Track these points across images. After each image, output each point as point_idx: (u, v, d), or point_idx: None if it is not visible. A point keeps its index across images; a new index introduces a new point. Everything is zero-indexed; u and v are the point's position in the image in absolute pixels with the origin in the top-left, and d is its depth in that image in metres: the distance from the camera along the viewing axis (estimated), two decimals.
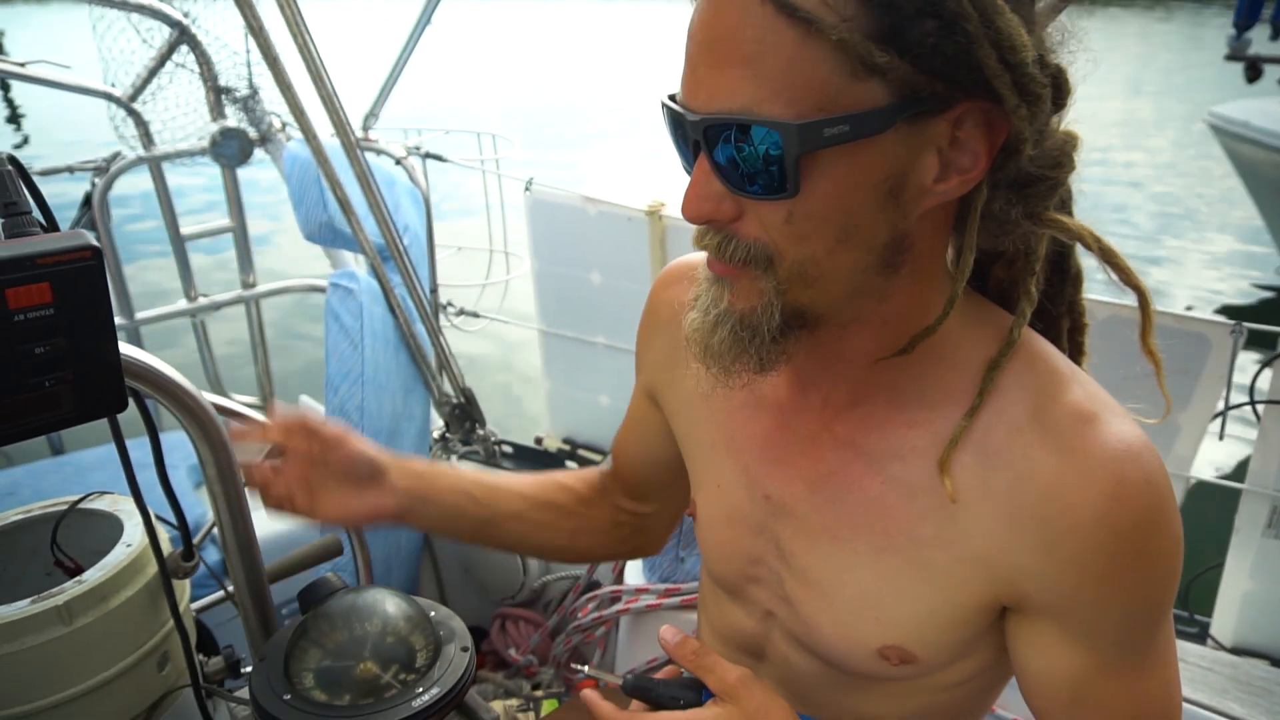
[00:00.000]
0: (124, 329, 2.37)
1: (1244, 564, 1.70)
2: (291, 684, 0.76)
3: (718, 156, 0.56)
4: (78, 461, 1.99)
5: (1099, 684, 0.63)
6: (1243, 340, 1.50)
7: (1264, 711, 1.35)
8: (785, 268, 0.58)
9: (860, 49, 0.51)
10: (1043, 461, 0.61)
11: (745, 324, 0.61)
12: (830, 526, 0.70)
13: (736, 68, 0.53)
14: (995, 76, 0.52)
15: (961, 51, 0.51)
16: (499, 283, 2.45)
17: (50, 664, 0.75)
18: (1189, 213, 8.97)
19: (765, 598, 0.78)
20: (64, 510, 0.88)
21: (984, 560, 0.63)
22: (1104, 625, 0.62)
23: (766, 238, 0.58)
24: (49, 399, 0.58)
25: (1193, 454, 1.60)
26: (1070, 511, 0.59)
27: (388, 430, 1.79)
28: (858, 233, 0.57)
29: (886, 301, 0.63)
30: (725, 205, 0.58)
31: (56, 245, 0.55)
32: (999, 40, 0.51)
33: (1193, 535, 0.66)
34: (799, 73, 0.52)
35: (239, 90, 2.22)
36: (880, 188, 0.56)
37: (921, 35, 0.51)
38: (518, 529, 0.95)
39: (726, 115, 0.54)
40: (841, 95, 0.52)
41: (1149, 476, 0.59)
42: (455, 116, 2.98)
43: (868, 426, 0.69)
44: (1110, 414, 0.61)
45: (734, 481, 0.77)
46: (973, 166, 0.56)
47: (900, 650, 0.68)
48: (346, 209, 1.69)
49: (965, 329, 0.66)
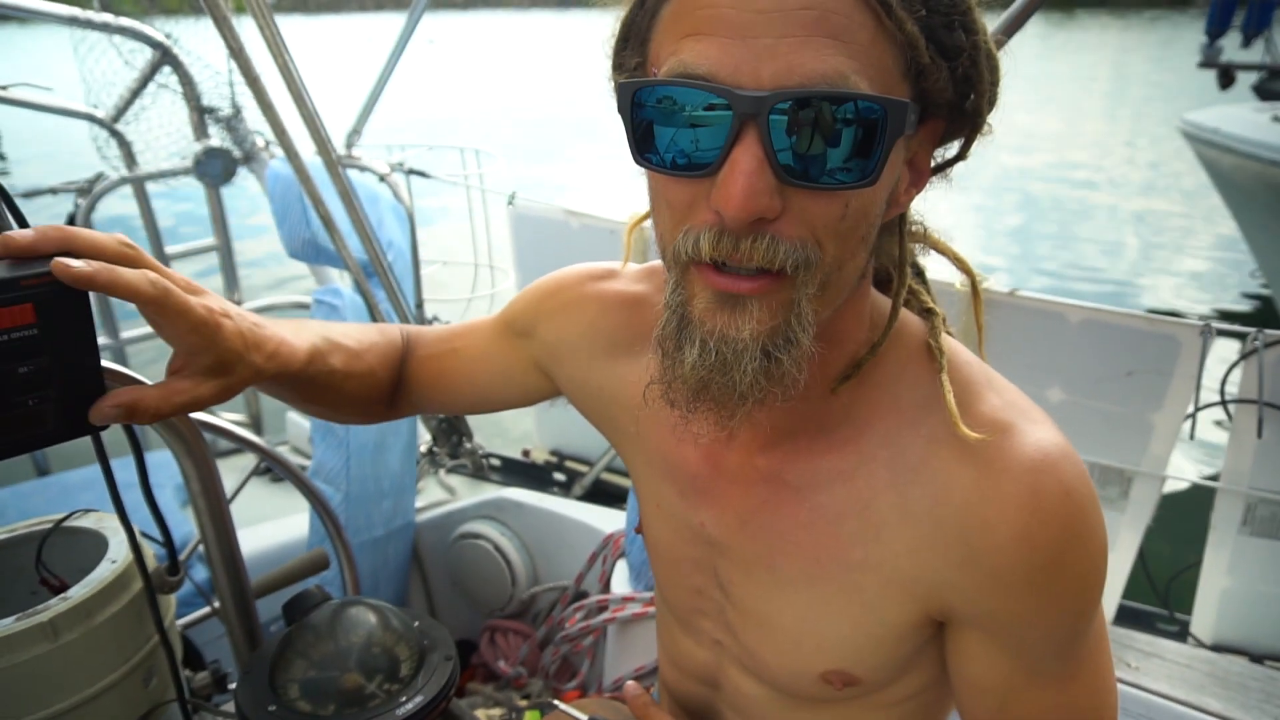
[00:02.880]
0: (109, 348, 2.37)
1: (1221, 562, 1.72)
2: (277, 695, 0.77)
3: (780, 140, 0.49)
4: (64, 482, 1.99)
5: (1026, 692, 0.64)
6: (1212, 341, 1.53)
7: (1240, 707, 1.38)
8: (822, 272, 0.54)
9: (919, 45, 0.51)
10: (959, 476, 0.60)
11: (774, 346, 0.54)
12: (763, 557, 0.70)
13: (826, 38, 0.48)
14: (983, 101, 0.55)
15: (973, 64, 0.54)
16: (484, 296, 2.46)
17: (35, 680, 0.75)
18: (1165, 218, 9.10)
19: (711, 628, 0.79)
20: (49, 528, 0.89)
21: (911, 579, 0.63)
22: (1029, 635, 0.62)
23: (812, 237, 0.52)
24: (33, 417, 0.58)
25: (1167, 454, 1.63)
26: (988, 528, 0.59)
27: (374, 445, 1.80)
28: (870, 236, 0.56)
29: (841, 317, 0.62)
30: (775, 201, 0.51)
31: (39, 267, 0.56)
32: (995, 74, 0.55)
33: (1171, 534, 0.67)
34: (878, 55, 0.50)
35: (222, 110, 2.23)
36: (890, 189, 0.57)
37: (953, 45, 0.53)
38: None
39: (818, 89, 0.48)
40: (894, 88, 0.52)
41: (1067, 487, 0.58)
42: (440, 131, 3.00)
43: (795, 457, 0.68)
44: (1026, 422, 0.60)
45: (672, 505, 0.77)
46: (919, 181, 0.59)
47: (843, 674, 0.68)
48: (329, 226, 1.71)
49: (890, 348, 0.66)
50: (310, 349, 0.75)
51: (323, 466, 1.75)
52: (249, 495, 1.20)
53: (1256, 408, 1.59)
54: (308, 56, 1.66)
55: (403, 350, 0.91)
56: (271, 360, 0.70)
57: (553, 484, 2.41)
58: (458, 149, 2.45)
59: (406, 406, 0.93)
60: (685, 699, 0.87)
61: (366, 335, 0.86)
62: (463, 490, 2.18)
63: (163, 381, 0.65)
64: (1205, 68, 8.65)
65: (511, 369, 0.89)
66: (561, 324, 0.83)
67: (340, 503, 1.74)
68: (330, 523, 1.25)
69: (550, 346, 0.85)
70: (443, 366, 0.91)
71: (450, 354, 0.91)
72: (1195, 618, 1.79)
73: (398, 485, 1.90)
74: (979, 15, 0.54)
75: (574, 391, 0.86)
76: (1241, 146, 5.43)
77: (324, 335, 0.79)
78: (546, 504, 1.97)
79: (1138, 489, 1.66)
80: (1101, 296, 6.39)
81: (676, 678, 0.87)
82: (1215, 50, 8.55)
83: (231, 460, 2.33)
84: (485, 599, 2.00)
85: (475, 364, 0.91)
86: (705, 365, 0.55)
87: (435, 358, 0.91)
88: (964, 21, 0.53)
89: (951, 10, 0.53)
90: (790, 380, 0.55)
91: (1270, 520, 1.66)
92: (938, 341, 0.64)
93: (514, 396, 0.91)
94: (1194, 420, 1.61)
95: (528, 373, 0.89)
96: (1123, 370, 0.69)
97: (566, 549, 1.92)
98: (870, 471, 0.64)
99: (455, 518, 2.04)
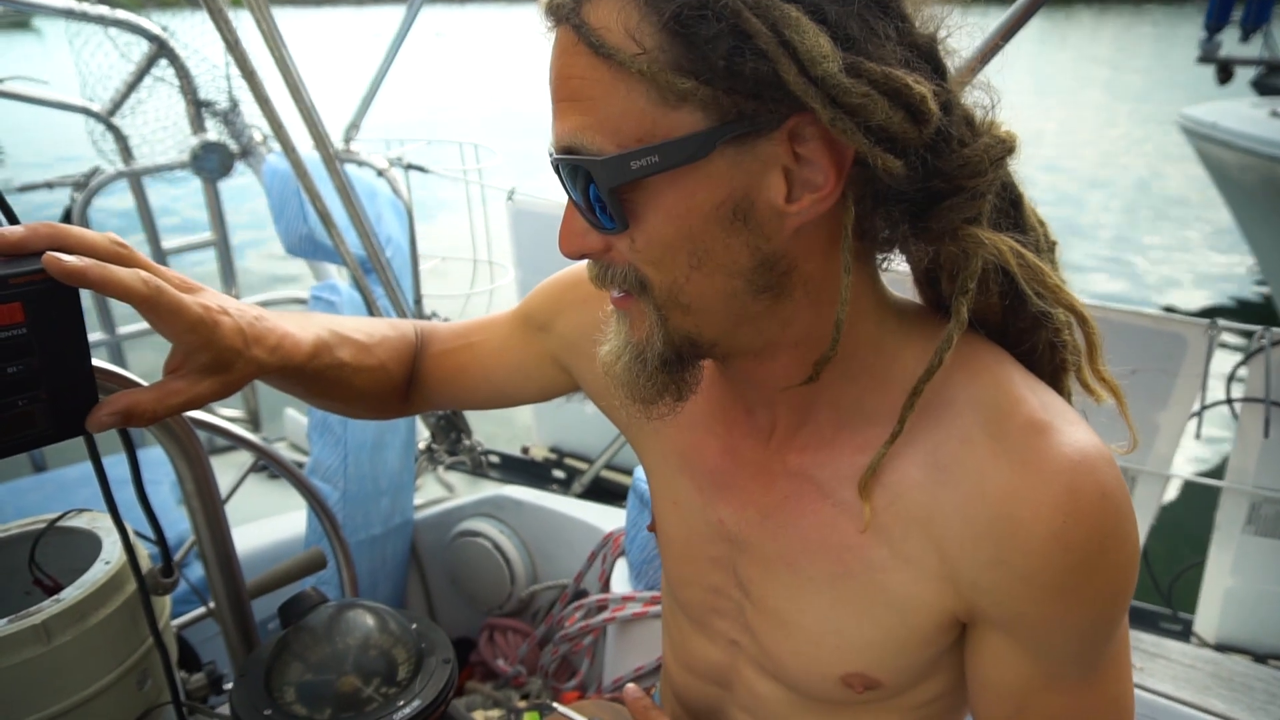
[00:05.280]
0: (106, 344, 2.35)
1: (1225, 561, 1.71)
2: (273, 699, 0.76)
3: (573, 193, 0.59)
4: (60, 479, 1.98)
5: (1044, 697, 0.63)
6: (1218, 338, 1.52)
7: (1245, 707, 1.37)
8: (658, 293, 0.59)
9: (661, 79, 0.52)
10: (994, 475, 0.59)
11: (638, 353, 0.62)
12: (785, 554, 0.69)
13: (568, 102, 0.56)
14: (801, 91, 0.51)
15: (762, 69, 0.51)
16: (483, 292, 2.44)
17: (28, 683, 0.74)
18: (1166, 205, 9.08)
19: (728, 628, 0.77)
20: (42, 528, 0.88)
21: (938, 579, 0.62)
22: (1053, 639, 0.61)
23: (633, 266, 0.59)
24: (23, 418, 0.57)
25: (1172, 452, 1.62)
26: (1022, 527, 0.57)
27: (372, 443, 1.79)
28: (711, 258, 0.57)
29: (790, 326, 0.62)
30: (591, 239, 0.61)
31: (29, 265, 0.55)
32: (796, 54, 0.51)
33: (1175, 533, 0.66)
34: (618, 106, 0.54)
35: (219, 103, 2.22)
36: (720, 212, 0.55)
37: (720, 58, 0.51)
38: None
39: (561, 154, 0.57)
40: (659, 125, 0.54)
41: (1104, 489, 0.57)
42: (446, 127, 2.98)
43: (816, 451, 0.67)
44: (1064, 423, 0.59)
45: (690, 502, 0.76)
46: (824, 184, 0.55)
47: (864, 677, 0.67)
48: (327, 221, 1.69)
49: (909, 346, 0.64)
50: (316, 342, 0.75)
51: (320, 464, 1.74)
52: (246, 492, 1.19)
53: (1263, 407, 1.58)
54: (306, 50, 1.64)
55: (416, 345, 0.91)
56: (274, 354, 0.70)
57: (552, 481, 2.40)
58: (457, 144, 2.43)
59: (421, 402, 0.92)
60: (693, 700, 0.85)
61: (377, 329, 0.86)
62: (461, 488, 2.16)
63: (159, 382, 0.64)
64: (1204, 63, 8.65)
65: (528, 363, 0.88)
66: (581, 317, 0.82)
67: (338, 501, 1.73)
68: (327, 521, 1.24)
69: (569, 340, 0.84)
70: (459, 361, 0.91)
71: (466, 349, 0.91)
72: (1199, 617, 1.78)
73: (396, 483, 1.89)
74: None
75: (591, 385, 0.85)
76: (1240, 142, 5.41)
77: (331, 329, 0.79)
78: (546, 502, 1.96)
79: (1142, 488, 1.66)
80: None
81: (685, 678, 0.85)
82: (1214, 45, 8.55)
83: (228, 457, 2.32)
84: (484, 597, 1.99)
85: (491, 358, 0.90)
86: (603, 359, 0.66)
87: (451, 353, 0.91)
88: (710, 4, 0.51)
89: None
90: (674, 384, 0.63)
91: (1275, 519, 1.65)
92: (942, 355, 0.60)
93: (531, 392, 0.91)
94: (1200, 419, 1.60)
95: (544, 367, 0.88)
96: (1127, 368, 0.67)
97: (566, 547, 1.91)
98: (897, 469, 0.63)
99: (454, 515, 2.03)
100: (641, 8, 0.52)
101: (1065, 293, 0.63)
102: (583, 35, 0.54)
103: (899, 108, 0.53)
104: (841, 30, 0.52)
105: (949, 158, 0.56)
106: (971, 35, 0.60)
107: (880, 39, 0.53)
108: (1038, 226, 0.67)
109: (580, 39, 0.54)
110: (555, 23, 0.57)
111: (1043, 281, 0.62)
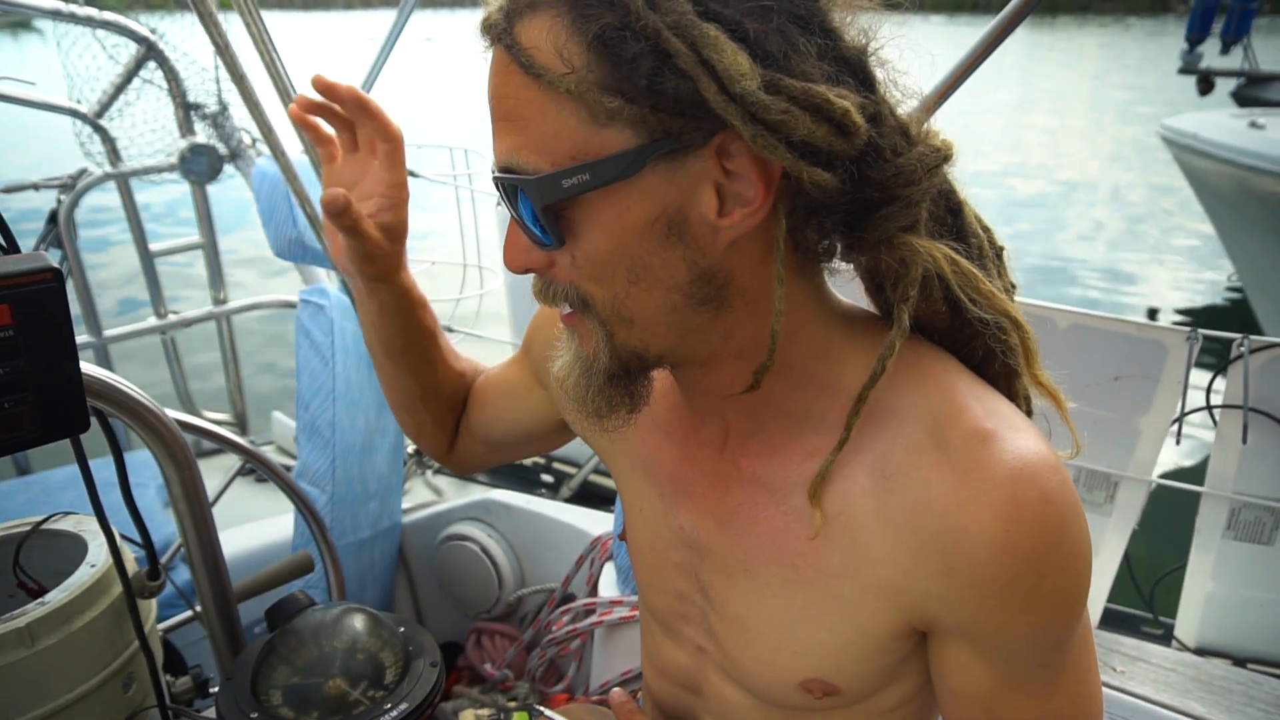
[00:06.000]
0: (92, 347, 2.34)
1: (1205, 566, 1.73)
2: (259, 702, 0.76)
3: (512, 210, 0.60)
4: (45, 481, 1.96)
5: (1011, 701, 0.63)
6: (1198, 346, 1.54)
7: (1224, 710, 1.38)
8: (600, 308, 0.60)
9: (589, 98, 0.53)
10: (938, 484, 0.59)
11: (587, 368, 0.64)
12: (742, 560, 0.69)
13: (504, 122, 0.58)
14: (722, 109, 0.52)
15: (684, 88, 0.52)
16: (473, 297, 2.44)
17: (12, 686, 0.74)
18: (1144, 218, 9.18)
19: (694, 633, 0.78)
20: (27, 531, 0.87)
21: (891, 587, 0.62)
22: (1012, 645, 0.61)
23: (575, 282, 0.60)
24: (9, 420, 0.57)
25: (1154, 458, 1.64)
26: (967, 536, 0.58)
27: (360, 446, 1.79)
28: (649, 272, 0.58)
29: (731, 337, 0.63)
30: (535, 255, 0.62)
31: (16, 267, 0.55)
32: (716, 72, 0.51)
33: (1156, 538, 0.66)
34: (549, 126, 0.55)
35: (208, 106, 2.21)
36: (655, 228, 0.56)
37: (643, 77, 0.52)
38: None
39: (500, 172, 0.59)
40: (590, 143, 0.55)
41: (1046, 495, 0.57)
42: (430, 130, 2.98)
43: (769, 458, 0.68)
44: (1008, 430, 0.59)
45: (654, 509, 0.77)
46: (754, 198, 0.56)
47: (822, 683, 0.67)
48: (316, 225, 1.69)
49: (856, 354, 0.65)
50: (427, 303, 0.87)
51: (308, 468, 1.73)
52: (233, 495, 1.19)
53: (1241, 413, 1.60)
54: (296, 54, 1.64)
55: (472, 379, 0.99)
56: (407, 272, 0.83)
57: (540, 485, 2.40)
58: (447, 148, 2.43)
59: (466, 438, 0.98)
60: (668, 705, 0.86)
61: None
62: (449, 491, 2.16)
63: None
64: (1185, 74, 8.75)
65: (517, 387, 0.92)
66: (549, 334, 0.84)
67: (326, 504, 1.73)
68: (315, 525, 1.24)
69: (541, 358, 0.85)
70: (479, 388, 0.96)
71: (484, 378, 0.97)
72: (1179, 621, 1.80)
73: (384, 486, 1.89)
74: (656, 7, 0.51)
75: (561, 400, 0.86)
76: (1219, 152, 5.47)
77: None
78: (534, 506, 1.96)
79: (1124, 493, 1.67)
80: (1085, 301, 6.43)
81: (660, 683, 0.86)
82: (1195, 57, 8.65)
83: (215, 460, 2.31)
84: (472, 601, 1.99)
85: (499, 384, 0.95)
86: (556, 375, 0.68)
87: (479, 384, 0.97)
88: (631, 24, 0.51)
89: (626, 18, 0.51)
90: (625, 396, 0.64)
91: (1254, 524, 1.67)
92: (883, 362, 0.61)
93: (526, 419, 0.93)
94: (1180, 425, 1.62)
95: (533, 389, 0.90)
96: (1110, 375, 0.69)
97: (554, 551, 1.91)
98: (846, 476, 0.63)
99: (442, 519, 2.03)
100: (569, 27, 0.53)
101: (999, 298, 0.64)
102: (514, 55, 0.55)
103: (822, 122, 0.53)
104: (761, 48, 0.53)
105: (881, 168, 0.57)
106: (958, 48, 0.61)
107: (802, 54, 0.54)
108: (980, 233, 0.67)
109: (512, 59, 0.55)
110: (490, 42, 0.58)
111: (976, 288, 0.62)
